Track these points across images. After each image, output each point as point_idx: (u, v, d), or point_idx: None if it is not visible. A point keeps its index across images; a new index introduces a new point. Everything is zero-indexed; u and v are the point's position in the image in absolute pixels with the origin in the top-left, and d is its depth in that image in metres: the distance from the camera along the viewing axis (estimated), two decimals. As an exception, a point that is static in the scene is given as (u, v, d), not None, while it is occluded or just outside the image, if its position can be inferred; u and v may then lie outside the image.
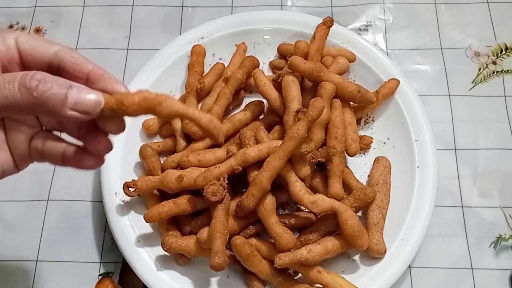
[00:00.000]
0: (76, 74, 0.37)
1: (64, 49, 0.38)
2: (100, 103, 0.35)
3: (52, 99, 0.34)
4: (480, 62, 0.73)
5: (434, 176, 0.61)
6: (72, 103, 0.34)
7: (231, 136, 0.65)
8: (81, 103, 0.34)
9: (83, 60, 0.38)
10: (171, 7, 0.80)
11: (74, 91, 0.34)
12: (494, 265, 0.61)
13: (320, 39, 0.65)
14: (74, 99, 0.34)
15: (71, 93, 0.34)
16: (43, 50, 0.38)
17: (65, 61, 0.38)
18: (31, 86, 0.33)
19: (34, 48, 0.38)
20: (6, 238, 0.64)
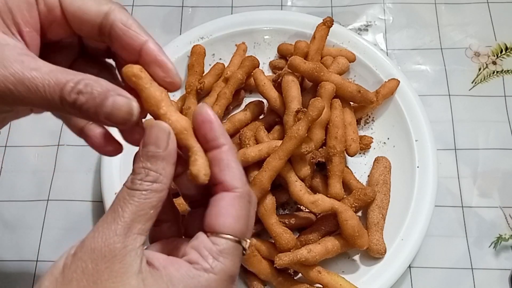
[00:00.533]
0: (126, 48, 0.35)
1: (116, 11, 0.34)
2: (132, 113, 0.32)
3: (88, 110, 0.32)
4: (480, 62, 0.73)
5: (434, 176, 0.61)
6: (105, 114, 0.32)
7: (231, 136, 0.65)
8: (113, 114, 0.32)
9: (136, 28, 0.35)
10: (171, 7, 0.80)
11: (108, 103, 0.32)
12: (494, 265, 0.61)
13: (320, 39, 0.65)
14: (108, 112, 0.32)
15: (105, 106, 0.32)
16: (92, 13, 0.34)
17: (117, 30, 0.34)
18: (70, 101, 0.32)
19: (81, 10, 0.34)
20: (6, 238, 0.64)
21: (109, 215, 0.31)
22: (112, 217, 0.31)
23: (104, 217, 0.32)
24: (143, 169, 0.32)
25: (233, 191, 0.34)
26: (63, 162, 0.69)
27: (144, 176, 0.32)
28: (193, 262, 0.32)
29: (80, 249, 0.31)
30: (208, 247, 0.32)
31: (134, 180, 0.32)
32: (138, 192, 0.32)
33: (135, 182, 0.32)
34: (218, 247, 0.32)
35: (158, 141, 0.32)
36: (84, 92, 0.32)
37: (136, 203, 0.31)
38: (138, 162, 0.33)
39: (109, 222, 0.31)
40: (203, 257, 0.32)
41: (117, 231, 0.31)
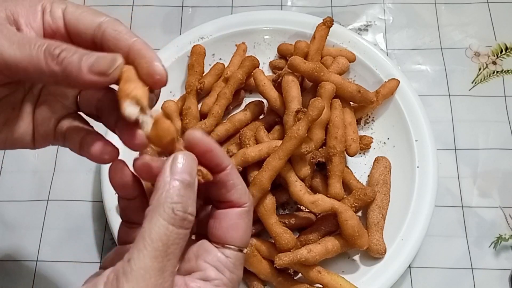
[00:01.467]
0: (116, 49, 0.35)
1: (108, 21, 0.36)
2: (115, 61, 0.33)
3: (70, 64, 0.32)
4: (480, 62, 0.73)
5: (434, 176, 0.61)
6: (88, 65, 0.32)
7: (231, 136, 0.65)
8: (97, 63, 0.32)
9: (126, 33, 0.36)
10: (171, 7, 0.80)
11: (90, 55, 0.33)
12: (494, 265, 0.61)
13: (320, 39, 0.65)
14: (90, 61, 0.32)
15: (87, 56, 0.32)
16: (87, 23, 0.36)
17: (107, 35, 0.35)
18: (54, 53, 0.32)
19: (78, 21, 0.36)
20: (6, 238, 0.64)
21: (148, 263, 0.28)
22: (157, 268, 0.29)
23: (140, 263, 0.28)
24: (183, 200, 0.30)
25: (241, 206, 0.35)
26: (63, 162, 0.69)
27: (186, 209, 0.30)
28: (212, 279, 0.32)
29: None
30: (223, 262, 0.33)
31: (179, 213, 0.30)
32: (183, 232, 0.30)
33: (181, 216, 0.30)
34: (231, 260, 0.33)
35: (192, 171, 0.32)
36: (69, 49, 0.33)
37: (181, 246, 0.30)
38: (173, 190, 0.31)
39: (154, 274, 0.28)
40: (220, 272, 0.33)
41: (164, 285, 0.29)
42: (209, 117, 0.64)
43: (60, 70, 0.32)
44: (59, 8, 0.37)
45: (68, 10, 0.37)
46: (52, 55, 0.32)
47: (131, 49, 0.35)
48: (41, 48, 0.33)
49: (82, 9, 0.37)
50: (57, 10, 0.37)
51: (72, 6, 0.37)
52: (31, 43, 0.33)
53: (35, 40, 0.33)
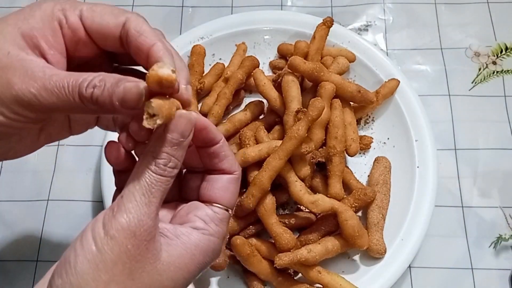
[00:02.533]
0: (138, 52, 0.37)
1: (131, 20, 0.37)
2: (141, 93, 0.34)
3: (103, 102, 0.34)
4: (480, 62, 0.73)
5: (434, 176, 0.61)
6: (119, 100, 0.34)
7: (231, 136, 0.65)
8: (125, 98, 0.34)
9: (148, 33, 0.37)
10: (171, 7, 0.80)
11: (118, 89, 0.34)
12: (494, 265, 0.61)
13: (320, 39, 0.65)
14: (119, 96, 0.34)
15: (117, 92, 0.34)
16: (111, 25, 0.37)
17: (130, 36, 0.37)
18: (87, 95, 0.34)
19: (101, 26, 0.37)
20: (6, 238, 0.64)
21: (138, 197, 0.34)
22: (143, 201, 0.34)
23: (131, 197, 0.34)
24: (166, 155, 0.35)
25: (232, 174, 0.39)
26: (63, 162, 0.69)
27: (168, 162, 0.35)
28: (200, 229, 0.36)
29: (115, 230, 0.32)
30: (211, 215, 0.37)
31: (160, 165, 0.34)
32: (164, 179, 0.35)
33: (161, 167, 0.34)
34: (219, 216, 0.37)
35: (185, 131, 0.35)
36: (98, 85, 0.34)
37: (163, 188, 0.35)
38: (160, 145, 0.35)
39: (141, 206, 0.33)
40: (207, 223, 0.37)
41: (151, 215, 0.34)
42: (209, 117, 0.64)
43: (97, 107, 0.35)
44: (75, 16, 0.37)
45: (85, 15, 0.38)
46: (86, 98, 0.34)
47: (150, 55, 0.37)
48: (75, 91, 0.34)
49: (99, 10, 0.38)
50: (74, 19, 0.37)
51: (87, 10, 0.38)
52: (65, 88, 0.34)
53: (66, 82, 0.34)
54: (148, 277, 0.33)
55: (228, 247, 0.57)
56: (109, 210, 0.34)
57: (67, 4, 0.38)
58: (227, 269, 0.58)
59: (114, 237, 0.32)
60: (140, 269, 0.33)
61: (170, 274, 0.34)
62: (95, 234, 0.33)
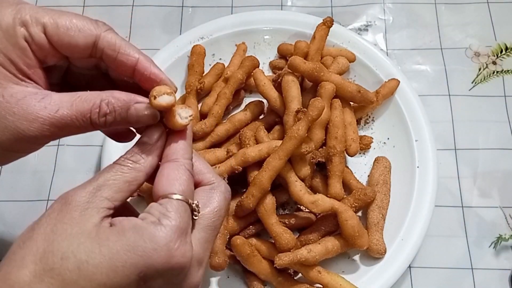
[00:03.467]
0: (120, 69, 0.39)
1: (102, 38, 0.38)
2: (156, 116, 0.37)
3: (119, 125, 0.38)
4: (480, 62, 0.73)
5: (434, 176, 0.61)
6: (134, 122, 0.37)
7: (231, 136, 0.65)
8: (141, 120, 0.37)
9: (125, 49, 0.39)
10: (171, 7, 0.80)
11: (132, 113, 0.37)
12: (494, 265, 0.61)
13: (320, 39, 0.65)
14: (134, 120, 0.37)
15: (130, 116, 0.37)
16: (81, 46, 0.38)
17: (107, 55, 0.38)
18: (101, 124, 0.37)
19: (69, 45, 0.38)
20: (6, 238, 0.64)
21: (89, 180, 0.37)
22: (89, 180, 0.36)
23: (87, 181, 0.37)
24: (131, 151, 0.38)
25: (173, 161, 0.38)
26: (63, 162, 0.69)
27: (129, 156, 0.37)
28: (143, 219, 0.36)
29: (58, 199, 0.36)
30: (156, 208, 0.36)
31: (121, 157, 0.38)
32: (118, 166, 0.37)
33: (120, 159, 0.37)
34: (164, 206, 0.36)
35: (152, 135, 0.38)
36: (109, 112, 0.37)
37: (112, 173, 0.37)
38: (131, 147, 0.38)
39: (85, 183, 0.36)
40: (151, 214, 0.36)
41: (86, 189, 0.36)
42: (209, 117, 0.64)
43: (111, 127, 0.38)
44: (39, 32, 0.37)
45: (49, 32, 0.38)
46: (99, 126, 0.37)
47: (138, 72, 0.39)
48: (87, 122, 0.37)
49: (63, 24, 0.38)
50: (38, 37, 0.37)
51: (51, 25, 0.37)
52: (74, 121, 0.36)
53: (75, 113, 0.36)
54: None
55: (228, 247, 0.57)
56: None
57: (27, 15, 0.37)
58: (227, 269, 0.58)
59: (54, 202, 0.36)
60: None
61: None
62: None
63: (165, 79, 0.39)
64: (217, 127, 0.64)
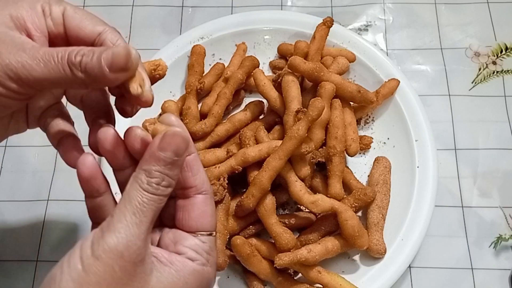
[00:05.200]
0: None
1: (108, 32, 0.39)
2: (130, 54, 0.35)
3: (92, 68, 0.35)
4: (480, 62, 0.73)
5: (434, 176, 0.61)
6: (108, 65, 0.35)
7: (231, 136, 0.65)
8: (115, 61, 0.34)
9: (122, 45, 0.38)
10: (171, 7, 0.80)
11: (106, 52, 0.35)
12: (494, 265, 0.61)
13: (320, 39, 0.65)
14: (109, 60, 0.34)
15: (105, 55, 0.35)
16: (87, 31, 0.38)
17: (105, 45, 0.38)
18: (75, 62, 0.35)
19: (79, 28, 0.39)
20: (6, 238, 0.64)
21: (128, 217, 0.33)
22: (133, 220, 0.33)
23: (121, 217, 0.33)
24: (159, 173, 0.34)
25: (203, 193, 0.38)
26: (63, 162, 0.68)
27: (161, 181, 0.34)
28: (194, 260, 0.36)
29: (102, 251, 0.32)
30: (201, 246, 0.37)
31: (152, 184, 0.34)
32: (157, 198, 0.34)
33: (153, 186, 0.34)
34: (208, 244, 0.37)
35: (179, 150, 0.34)
36: (87, 53, 0.35)
37: (155, 208, 0.34)
38: (153, 165, 0.34)
39: (131, 226, 0.32)
40: (200, 254, 0.36)
41: (140, 236, 0.33)
42: (209, 117, 0.64)
43: (86, 76, 0.35)
44: (59, 12, 0.39)
45: (68, 13, 0.39)
46: (74, 64, 0.35)
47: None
48: (64, 59, 0.35)
49: (81, 14, 0.39)
50: (57, 15, 0.39)
51: (70, 9, 0.39)
52: (54, 57, 0.35)
53: (55, 52, 0.35)
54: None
55: (228, 247, 0.57)
56: (99, 229, 0.33)
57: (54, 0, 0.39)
58: (227, 269, 0.58)
59: (100, 258, 0.31)
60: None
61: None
62: (83, 253, 0.32)
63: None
64: (217, 127, 0.64)
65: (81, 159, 0.38)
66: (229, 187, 0.59)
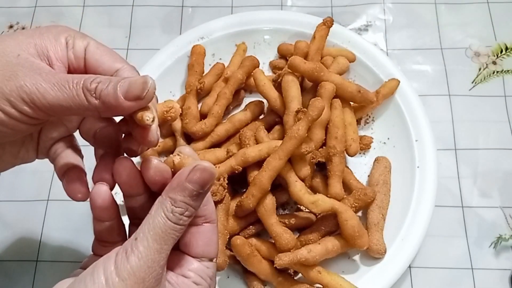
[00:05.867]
0: None
1: (125, 70, 0.39)
2: (147, 83, 0.35)
3: (107, 95, 0.35)
4: (480, 62, 0.73)
5: (434, 176, 0.61)
6: (123, 93, 0.35)
7: (231, 136, 0.65)
8: (130, 89, 0.35)
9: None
10: (171, 7, 0.80)
11: (123, 82, 0.35)
12: (494, 265, 0.61)
13: (320, 39, 0.65)
14: (124, 88, 0.35)
15: (121, 84, 0.35)
16: (106, 67, 0.39)
17: None
18: (91, 88, 0.35)
19: (98, 63, 0.39)
20: (6, 238, 0.64)
21: (151, 242, 0.34)
22: (155, 247, 0.34)
23: (145, 241, 0.34)
24: (184, 204, 0.35)
25: (211, 222, 0.40)
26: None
27: (184, 211, 0.35)
28: (198, 284, 0.38)
29: (127, 274, 0.33)
30: (205, 271, 0.39)
31: (176, 213, 0.35)
32: (178, 227, 0.35)
33: (177, 216, 0.35)
34: (211, 270, 0.39)
35: (205, 183, 0.36)
36: (103, 81, 0.35)
37: (176, 237, 0.35)
38: (179, 194, 0.35)
39: (153, 252, 0.34)
40: (204, 279, 0.38)
41: (160, 262, 0.34)
42: (209, 117, 0.64)
43: (100, 103, 0.35)
44: (81, 46, 0.39)
45: (90, 48, 0.39)
46: (89, 91, 0.35)
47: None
48: (79, 85, 0.35)
49: (102, 50, 0.40)
50: (80, 48, 0.39)
51: (93, 45, 0.40)
52: (69, 82, 0.35)
53: (71, 78, 0.36)
54: None
55: (228, 247, 0.57)
56: (123, 250, 0.34)
57: (78, 33, 0.40)
58: (227, 269, 0.58)
59: (124, 280, 0.33)
60: None
61: None
62: (107, 272, 0.33)
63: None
64: (217, 127, 0.64)
65: (96, 189, 0.40)
66: (229, 187, 0.59)
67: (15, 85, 0.35)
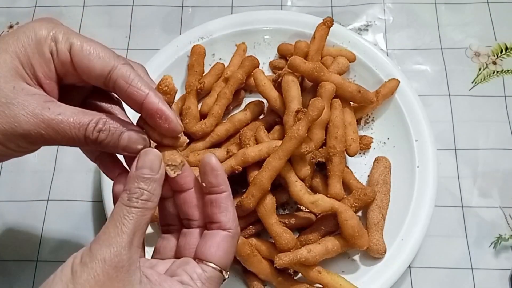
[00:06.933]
0: (130, 101, 0.39)
1: (117, 69, 0.39)
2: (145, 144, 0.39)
3: (107, 145, 0.39)
4: (480, 62, 0.73)
5: (434, 176, 0.61)
6: (122, 147, 0.39)
7: (231, 136, 0.65)
8: (130, 148, 0.39)
9: (137, 83, 0.39)
10: (171, 7, 0.80)
11: (123, 136, 0.39)
12: (494, 265, 0.61)
13: (320, 39, 0.65)
14: (124, 145, 0.39)
15: (121, 140, 0.39)
16: (97, 72, 0.39)
17: (119, 85, 0.39)
18: (93, 139, 0.38)
19: (88, 68, 0.39)
20: (6, 238, 0.64)
21: (111, 229, 0.35)
22: (115, 231, 0.35)
23: (106, 229, 0.36)
24: (138, 189, 0.37)
25: (227, 231, 0.39)
26: (63, 162, 0.69)
27: (140, 195, 0.37)
28: (184, 283, 0.37)
29: (89, 258, 0.34)
30: (198, 273, 0.38)
31: (131, 198, 0.37)
32: (136, 209, 0.36)
33: (132, 200, 0.36)
34: (207, 274, 0.38)
35: (153, 165, 0.38)
36: (103, 130, 0.38)
37: (134, 219, 0.36)
38: (132, 183, 0.37)
39: (113, 236, 0.35)
40: (193, 280, 0.37)
41: (122, 244, 0.35)
42: (209, 117, 0.64)
43: (100, 147, 0.39)
44: (65, 50, 0.39)
45: (75, 52, 0.39)
46: (91, 140, 0.38)
47: (145, 107, 0.39)
48: (81, 134, 0.38)
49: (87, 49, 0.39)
50: (63, 54, 0.39)
51: (77, 46, 0.39)
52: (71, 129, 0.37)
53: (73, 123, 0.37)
54: None
55: (228, 247, 0.57)
56: (88, 245, 0.36)
57: (60, 33, 0.39)
58: (227, 269, 0.58)
59: (85, 263, 0.34)
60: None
61: None
62: (74, 260, 0.35)
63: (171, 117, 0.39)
64: (217, 127, 0.64)
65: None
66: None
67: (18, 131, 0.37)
